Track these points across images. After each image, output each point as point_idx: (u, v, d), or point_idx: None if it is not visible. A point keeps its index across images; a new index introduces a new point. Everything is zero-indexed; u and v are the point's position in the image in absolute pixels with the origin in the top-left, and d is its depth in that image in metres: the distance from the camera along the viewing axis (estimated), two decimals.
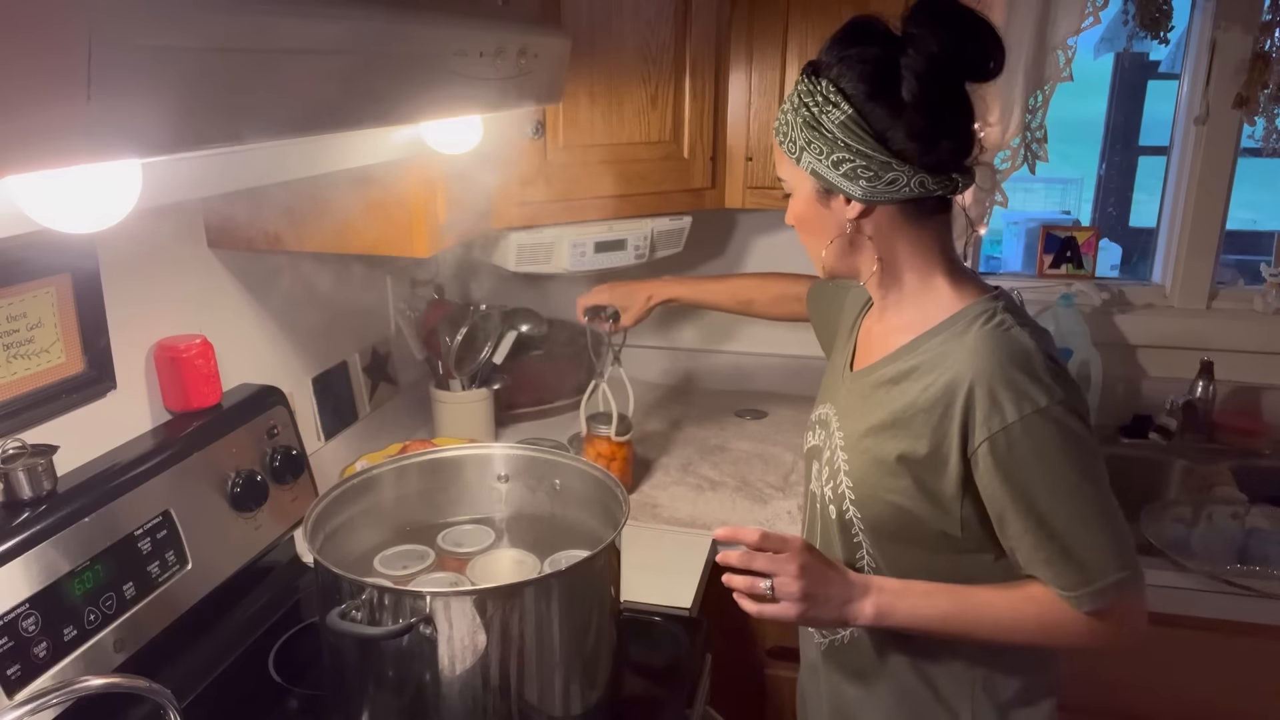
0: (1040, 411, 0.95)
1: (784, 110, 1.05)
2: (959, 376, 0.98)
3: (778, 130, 1.06)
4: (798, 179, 1.06)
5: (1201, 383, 2.03)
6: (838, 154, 0.99)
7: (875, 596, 1.03)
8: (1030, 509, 0.97)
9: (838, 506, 1.11)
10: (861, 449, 1.08)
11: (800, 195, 1.08)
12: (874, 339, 1.15)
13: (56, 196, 0.68)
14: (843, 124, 0.98)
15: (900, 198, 1.00)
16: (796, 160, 1.04)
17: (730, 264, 2.27)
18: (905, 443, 1.03)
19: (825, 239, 1.08)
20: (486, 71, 0.99)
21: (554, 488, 1.32)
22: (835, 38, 1.01)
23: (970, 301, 1.05)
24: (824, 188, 1.04)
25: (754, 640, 1.69)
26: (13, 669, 0.96)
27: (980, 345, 0.99)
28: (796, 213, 1.10)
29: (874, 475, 1.06)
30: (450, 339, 1.86)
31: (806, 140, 1.01)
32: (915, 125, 0.97)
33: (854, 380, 1.15)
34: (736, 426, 2.11)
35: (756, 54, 1.79)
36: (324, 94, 0.74)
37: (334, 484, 1.22)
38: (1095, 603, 0.98)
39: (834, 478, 1.12)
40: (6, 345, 1.08)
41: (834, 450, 1.13)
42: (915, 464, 1.02)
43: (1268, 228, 4.81)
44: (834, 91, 0.98)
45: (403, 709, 1.04)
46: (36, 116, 0.49)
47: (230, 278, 1.48)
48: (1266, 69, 1.86)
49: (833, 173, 1.01)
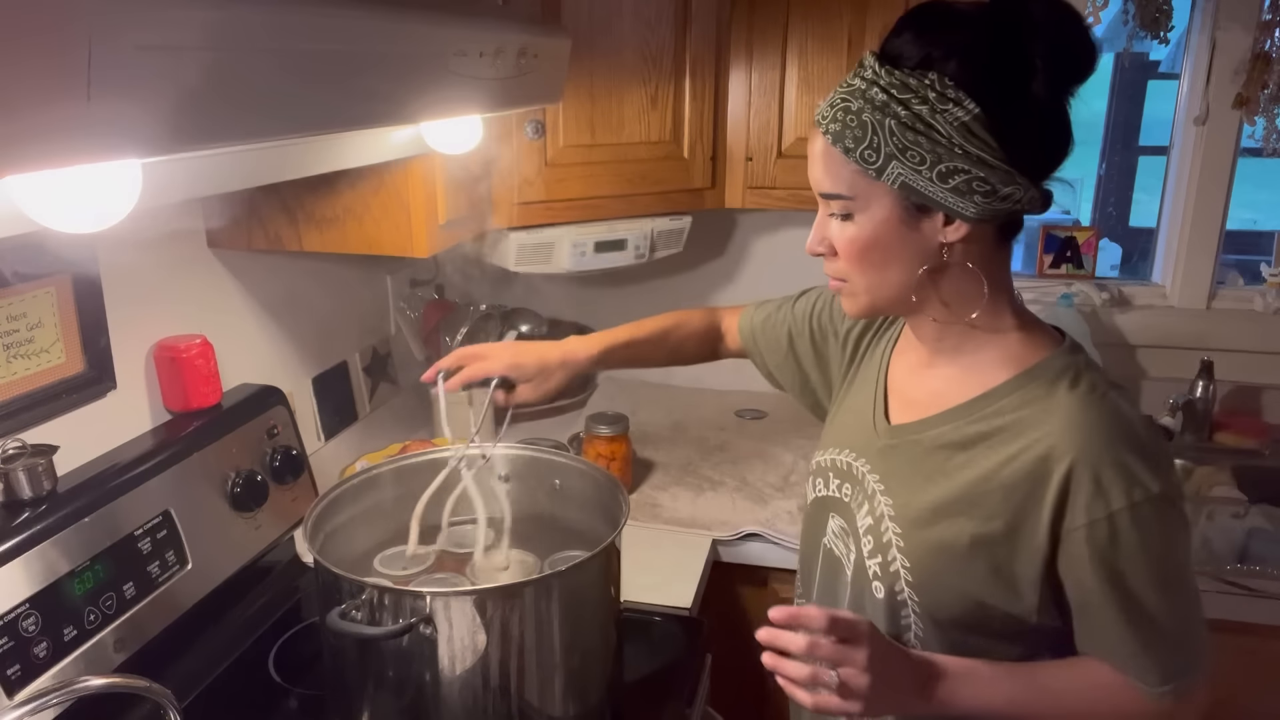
0: (1150, 500, 0.85)
1: (849, 109, 0.85)
2: (1056, 452, 0.86)
3: (837, 134, 0.86)
4: (870, 194, 0.88)
5: (1201, 383, 2.03)
6: (950, 163, 0.82)
7: (941, 683, 0.91)
8: (1125, 601, 0.87)
9: (887, 585, 0.97)
10: (923, 527, 0.94)
11: (873, 215, 0.88)
12: (918, 387, 1.01)
13: (56, 196, 0.68)
14: (964, 126, 0.82)
15: (1004, 217, 0.87)
16: (877, 172, 0.85)
17: (730, 264, 2.27)
18: (979, 522, 0.90)
19: (903, 270, 0.90)
20: (486, 71, 0.99)
21: (554, 488, 1.32)
22: (927, 22, 0.86)
23: (1045, 353, 0.93)
24: (916, 204, 0.87)
25: (754, 640, 1.69)
26: (13, 669, 0.96)
27: (1081, 418, 0.87)
28: (863, 238, 0.90)
29: (941, 560, 0.93)
30: (450, 339, 1.86)
31: (901, 146, 0.83)
32: (1044, 128, 0.85)
33: (897, 436, 1.00)
34: (736, 426, 2.11)
35: (756, 54, 1.79)
36: (324, 94, 0.74)
37: (334, 484, 1.22)
38: (1178, 697, 0.90)
39: (882, 552, 0.98)
40: (6, 345, 1.08)
41: (880, 519, 0.98)
42: (991, 546, 0.90)
43: (1268, 228, 4.81)
44: (952, 86, 0.82)
45: (403, 709, 1.04)
46: (36, 116, 0.49)
47: (230, 278, 1.48)
48: (1266, 69, 1.86)
49: (937, 186, 0.84)
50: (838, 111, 0.86)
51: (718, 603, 1.62)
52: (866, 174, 0.86)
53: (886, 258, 0.90)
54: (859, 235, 0.90)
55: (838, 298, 0.99)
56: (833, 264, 0.94)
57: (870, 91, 0.84)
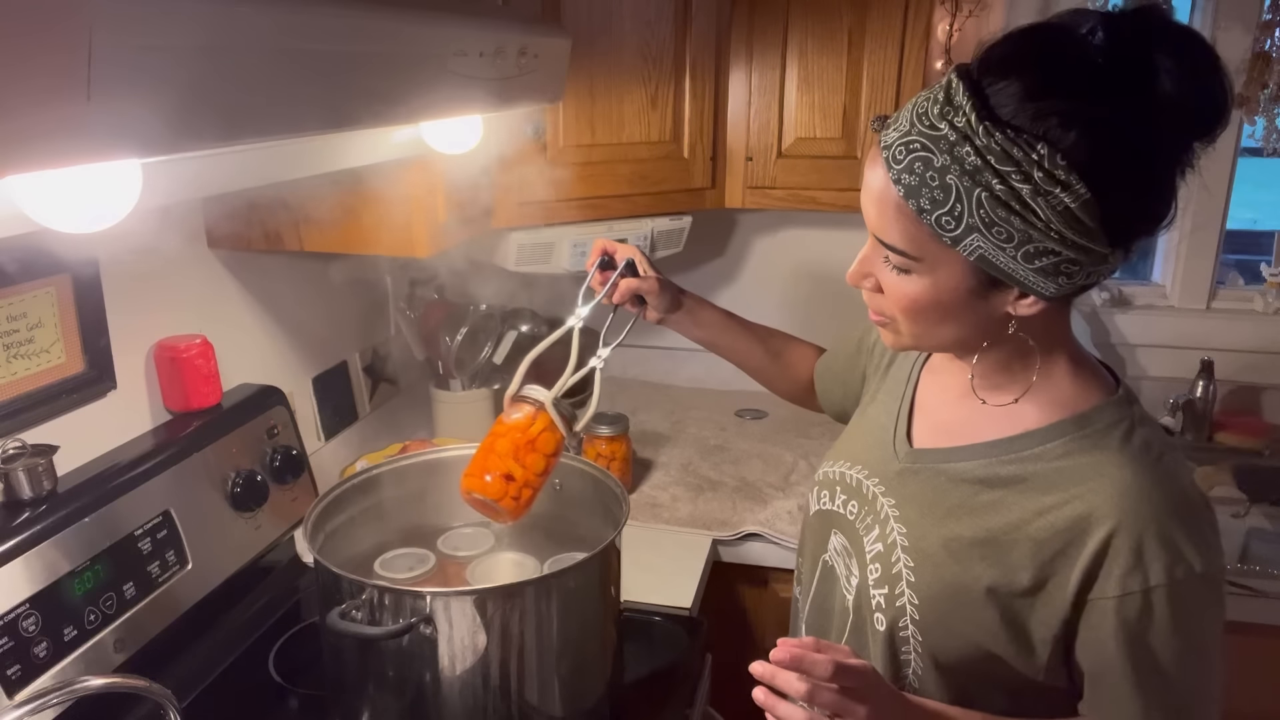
0: (1191, 578, 0.78)
1: (929, 163, 0.73)
2: (1098, 514, 0.80)
3: (911, 189, 0.74)
4: (938, 259, 0.77)
5: (1201, 383, 2.03)
6: (1042, 244, 0.73)
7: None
8: (1145, 677, 0.81)
9: (889, 619, 0.92)
10: (938, 565, 0.88)
11: (938, 280, 0.79)
12: (948, 411, 0.94)
13: (56, 196, 0.68)
14: (1068, 212, 0.71)
15: (1087, 287, 0.79)
16: (953, 241, 0.75)
17: (730, 264, 2.27)
18: (1000, 571, 0.84)
19: (960, 331, 0.83)
20: (486, 71, 0.99)
21: (554, 488, 1.32)
22: (1047, 74, 0.71)
23: (1095, 401, 0.85)
24: (990, 278, 0.77)
25: (754, 640, 1.69)
26: (13, 669, 0.96)
27: (1131, 481, 0.80)
28: (922, 300, 0.80)
29: (951, 603, 0.87)
30: (450, 339, 1.86)
31: (988, 221, 0.72)
32: (1155, 204, 0.75)
33: (919, 461, 0.93)
34: (736, 426, 2.11)
35: (756, 54, 1.78)
36: (324, 94, 0.74)
37: (334, 484, 1.22)
38: None
39: (889, 584, 0.92)
40: (6, 345, 1.08)
41: (891, 548, 0.92)
42: (1009, 599, 0.84)
43: (1268, 228, 4.81)
44: (1064, 168, 0.70)
45: (403, 709, 1.04)
46: (36, 116, 0.49)
47: (230, 278, 1.48)
48: (1266, 69, 1.86)
49: (1020, 265, 0.74)
50: (915, 161, 0.74)
51: (718, 603, 1.62)
52: (940, 240, 0.75)
53: (944, 318, 0.82)
54: (918, 296, 0.80)
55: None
56: (877, 300, 0.86)
57: (960, 150, 0.72)
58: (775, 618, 1.67)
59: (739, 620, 1.69)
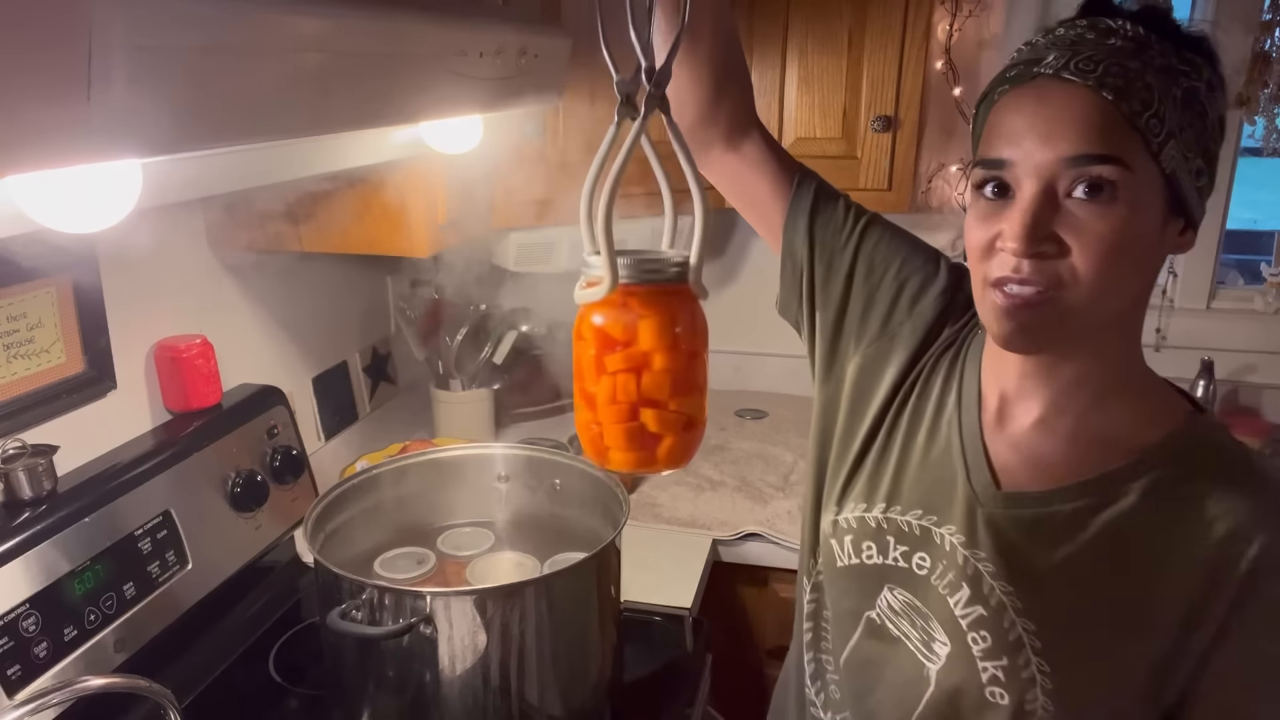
0: None
1: (1125, 67, 0.67)
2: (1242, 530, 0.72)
3: (1120, 91, 0.66)
4: (1143, 176, 0.67)
5: (1202, 383, 2.03)
6: (1203, 160, 0.69)
7: None
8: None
9: (1016, 695, 0.78)
10: (1068, 633, 0.77)
11: (1141, 203, 0.68)
12: (1031, 444, 0.80)
13: (56, 196, 0.68)
14: (1221, 121, 0.70)
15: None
16: (1159, 147, 0.67)
17: (730, 264, 2.27)
18: (1145, 635, 0.74)
19: (1138, 284, 0.73)
20: (486, 71, 0.99)
21: (554, 488, 1.32)
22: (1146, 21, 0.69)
23: (1182, 411, 0.79)
24: (1171, 203, 0.70)
25: (754, 640, 1.69)
26: (13, 669, 0.96)
27: (1271, 491, 0.73)
28: (1127, 231, 0.67)
29: (1092, 668, 0.77)
30: (450, 339, 1.86)
31: (1180, 125, 0.67)
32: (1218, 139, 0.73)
33: (1015, 506, 0.79)
34: (736, 426, 2.11)
35: (756, 54, 1.78)
36: (324, 94, 0.74)
37: (334, 484, 1.22)
38: None
39: (1008, 654, 0.78)
40: (6, 345, 1.08)
41: (999, 612, 0.78)
42: (1161, 661, 0.75)
43: (1268, 228, 4.82)
44: (1217, 77, 0.69)
45: (403, 709, 1.04)
46: (36, 116, 0.49)
47: (230, 278, 1.48)
48: (1267, 69, 1.86)
49: (1191, 184, 0.69)
50: (1111, 65, 0.66)
51: (718, 603, 1.62)
52: (1148, 149, 0.67)
53: (1136, 264, 0.70)
54: (1119, 231, 0.67)
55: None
56: (1050, 268, 0.69)
57: (1148, 54, 0.67)
58: (775, 617, 1.67)
59: (739, 620, 1.69)
